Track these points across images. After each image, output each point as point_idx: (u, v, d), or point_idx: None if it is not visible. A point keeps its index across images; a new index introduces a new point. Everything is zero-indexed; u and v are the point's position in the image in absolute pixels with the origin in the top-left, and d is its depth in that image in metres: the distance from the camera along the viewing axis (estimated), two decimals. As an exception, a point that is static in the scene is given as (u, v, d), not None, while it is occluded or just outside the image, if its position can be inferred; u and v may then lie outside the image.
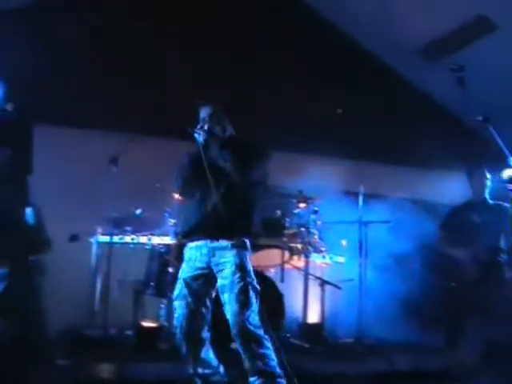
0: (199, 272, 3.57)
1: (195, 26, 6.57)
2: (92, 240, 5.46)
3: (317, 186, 5.77)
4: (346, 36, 7.63)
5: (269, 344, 3.42)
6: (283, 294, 5.09)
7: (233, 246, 3.49)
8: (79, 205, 5.60)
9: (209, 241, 3.52)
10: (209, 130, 3.55)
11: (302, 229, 5.64)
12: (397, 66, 7.76)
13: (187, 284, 3.57)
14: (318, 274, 5.77)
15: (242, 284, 3.41)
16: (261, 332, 3.39)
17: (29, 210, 4.08)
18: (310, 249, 5.61)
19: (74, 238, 5.19)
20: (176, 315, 3.58)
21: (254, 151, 3.59)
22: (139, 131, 5.06)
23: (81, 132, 6.03)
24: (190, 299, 3.53)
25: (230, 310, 3.41)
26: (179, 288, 3.59)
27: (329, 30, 7.54)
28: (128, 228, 5.42)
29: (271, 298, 4.85)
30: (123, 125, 5.65)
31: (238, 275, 3.42)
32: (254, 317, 3.39)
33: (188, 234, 3.65)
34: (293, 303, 5.51)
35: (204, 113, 3.64)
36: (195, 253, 3.58)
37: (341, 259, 5.96)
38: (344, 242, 5.96)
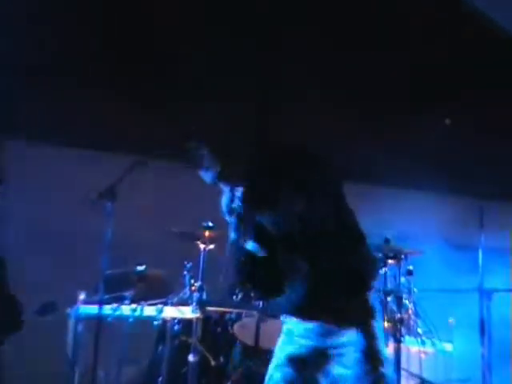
0: (304, 352, 2.95)
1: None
2: (70, 311, 4.59)
3: (413, 235, 5.23)
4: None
5: None
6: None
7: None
8: (54, 258, 4.89)
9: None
10: (241, 202, 2.91)
11: (390, 298, 4.87)
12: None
13: (283, 367, 2.97)
14: (415, 369, 4.89)
15: (373, 376, 2.88)
16: None
17: None
18: (402, 329, 4.81)
19: (46, 308, 4.19)
20: None
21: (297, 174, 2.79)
22: (145, 151, 4.06)
23: (58, 151, 5.30)
24: None
25: None
26: (274, 376, 2.99)
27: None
28: (126, 293, 4.62)
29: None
30: (122, 143, 4.96)
31: (366, 364, 2.90)
32: None
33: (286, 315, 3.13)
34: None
35: (207, 178, 2.94)
36: (301, 326, 3.03)
37: (448, 346, 5.12)
38: (453, 321, 5.15)
